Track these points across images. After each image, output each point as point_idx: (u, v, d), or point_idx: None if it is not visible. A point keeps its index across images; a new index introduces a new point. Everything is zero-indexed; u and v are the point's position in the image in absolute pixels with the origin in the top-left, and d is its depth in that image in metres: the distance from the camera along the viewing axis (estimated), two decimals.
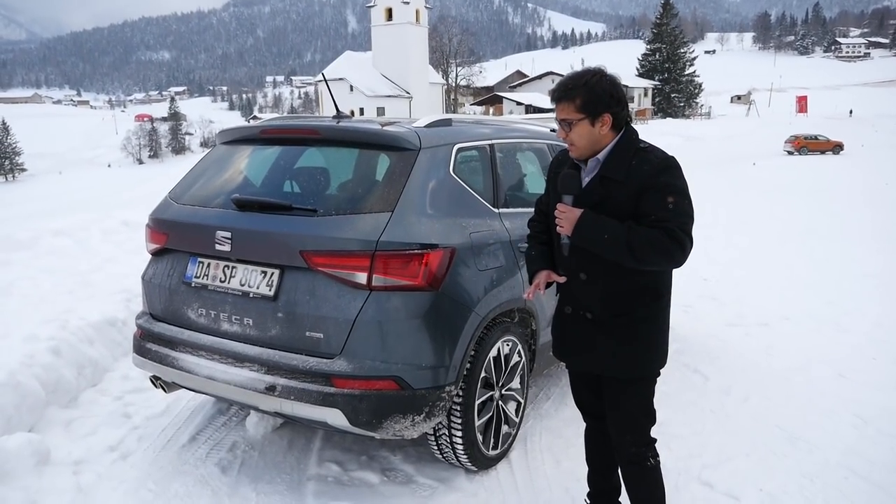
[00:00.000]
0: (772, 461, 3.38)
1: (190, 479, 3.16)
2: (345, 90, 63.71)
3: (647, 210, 2.16)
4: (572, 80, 2.25)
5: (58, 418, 3.64)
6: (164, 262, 3.27)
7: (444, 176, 3.06)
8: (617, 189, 2.22)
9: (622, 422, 2.43)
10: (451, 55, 77.60)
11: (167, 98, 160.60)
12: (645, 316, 2.33)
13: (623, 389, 2.39)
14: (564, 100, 2.24)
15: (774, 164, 25.97)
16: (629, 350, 2.32)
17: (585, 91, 2.21)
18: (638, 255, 2.13)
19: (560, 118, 2.27)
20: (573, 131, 2.25)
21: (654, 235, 2.12)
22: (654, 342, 2.36)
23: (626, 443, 2.43)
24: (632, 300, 2.30)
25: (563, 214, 2.24)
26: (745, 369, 4.68)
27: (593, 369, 2.44)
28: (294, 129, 3.30)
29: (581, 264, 2.32)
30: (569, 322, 2.44)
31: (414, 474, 3.20)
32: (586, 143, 2.26)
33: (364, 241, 2.70)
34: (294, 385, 2.73)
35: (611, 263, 2.23)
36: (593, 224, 2.18)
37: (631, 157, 2.23)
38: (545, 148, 4.05)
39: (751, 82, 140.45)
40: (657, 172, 2.18)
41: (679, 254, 2.12)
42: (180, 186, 3.39)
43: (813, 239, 9.99)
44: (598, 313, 2.33)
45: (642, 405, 2.42)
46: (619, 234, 2.14)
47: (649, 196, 2.17)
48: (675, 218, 2.14)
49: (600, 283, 2.30)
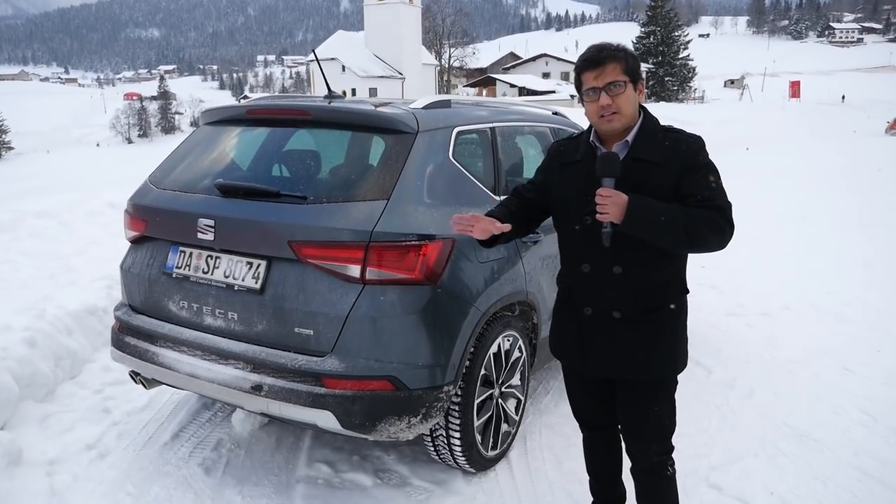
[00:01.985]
0: (781, 461, 3.24)
1: (171, 480, 2.99)
2: (337, 70, 62.93)
3: (691, 191, 2.03)
4: (608, 45, 2.09)
5: (33, 414, 3.46)
6: (143, 251, 3.08)
7: (444, 161, 2.87)
8: (654, 172, 2.06)
9: (648, 430, 2.25)
10: (444, 36, 76.78)
11: (156, 76, 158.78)
12: (675, 311, 2.17)
13: (650, 393, 2.21)
14: (611, 60, 2.05)
15: (767, 149, 25.83)
16: (662, 348, 2.16)
17: (628, 54, 2.08)
18: (693, 235, 1.97)
19: (607, 82, 2.04)
20: (623, 95, 2.05)
21: (705, 214, 1.98)
22: (684, 337, 2.23)
23: (651, 452, 2.26)
24: (664, 293, 2.15)
25: (608, 199, 1.97)
26: (748, 361, 4.55)
27: (620, 374, 2.21)
28: (283, 110, 3.09)
29: (617, 256, 2.10)
30: (589, 324, 2.21)
31: (409, 476, 3.04)
32: (632, 110, 2.09)
33: (357, 232, 2.51)
34: (282, 385, 2.55)
35: (648, 253, 2.06)
36: (645, 207, 1.97)
37: (662, 138, 2.10)
38: (548, 132, 3.86)
39: (744, 66, 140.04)
40: (695, 152, 2.07)
41: (730, 232, 2.00)
42: (161, 170, 3.18)
43: (808, 225, 9.87)
44: (628, 311, 2.14)
45: (669, 409, 2.26)
46: (674, 214, 1.97)
47: (692, 176, 2.04)
48: (720, 197, 2.03)
49: (635, 276, 2.11)
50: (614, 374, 2.22)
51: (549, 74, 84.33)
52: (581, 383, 2.40)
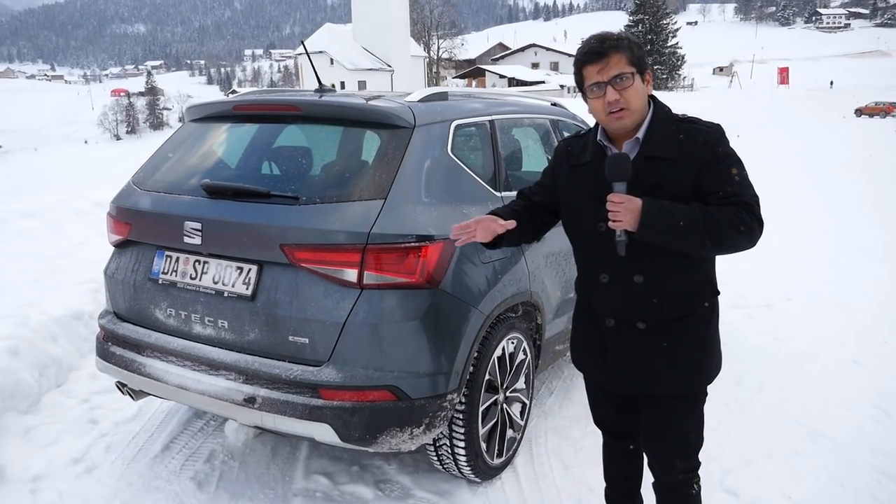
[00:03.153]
0: (796, 463, 3.14)
1: (162, 496, 2.84)
2: (325, 63, 62.42)
3: (713, 187, 1.84)
4: (611, 35, 1.90)
5: (16, 427, 3.30)
6: (127, 256, 2.92)
7: (442, 157, 2.73)
8: (669, 170, 1.87)
9: (674, 446, 2.09)
10: (432, 27, 76.36)
11: (143, 72, 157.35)
12: (705, 316, 2.00)
13: (678, 407, 2.04)
14: (615, 51, 1.86)
15: (758, 136, 25.79)
16: (692, 359, 1.99)
17: (632, 43, 1.89)
18: (717, 237, 1.79)
19: (612, 75, 1.85)
20: (630, 88, 1.87)
21: (730, 213, 1.80)
22: (716, 345, 2.05)
23: (676, 470, 2.11)
24: (692, 299, 1.98)
25: (620, 205, 1.80)
26: (754, 356, 4.45)
27: (647, 389, 2.04)
28: (272, 105, 2.93)
29: (638, 265, 1.92)
30: (613, 336, 2.03)
31: (411, 487, 2.91)
32: (641, 104, 1.90)
33: (353, 234, 2.37)
34: (276, 396, 2.41)
35: (672, 259, 1.89)
36: (661, 211, 1.80)
37: (676, 131, 1.90)
38: (548, 124, 3.72)
39: (733, 54, 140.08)
40: (714, 143, 1.87)
41: (759, 229, 1.83)
42: (144, 170, 3.03)
43: (803, 212, 9.80)
44: (653, 321, 1.96)
45: (697, 423, 2.10)
46: (694, 217, 1.79)
47: (712, 170, 1.86)
48: (746, 191, 1.85)
49: (659, 284, 1.93)
50: (642, 389, 2.06)
51: (538, 65, 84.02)
52: (604, 394, 2.24)
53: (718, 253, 1.91)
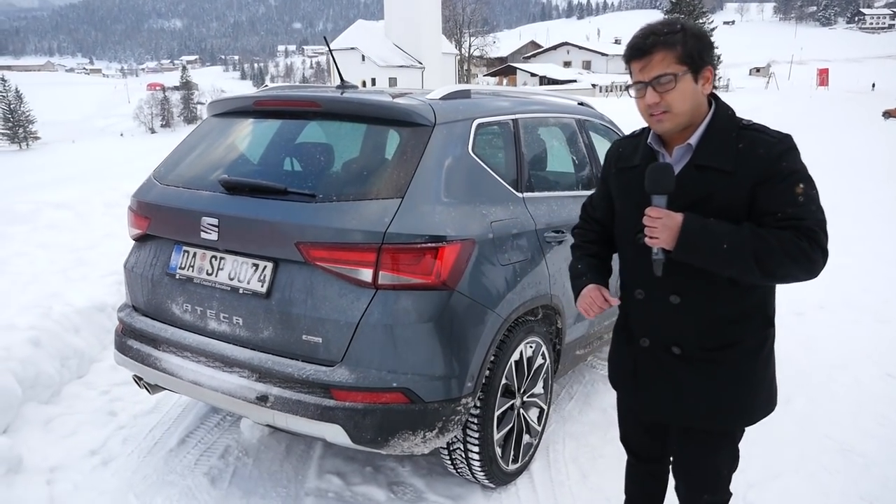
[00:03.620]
0: (824, 479, 3.02)
1: (175, 491, 2.84)
2: (356, 60, 62.64)
3: (771, 206, 1.64)
4: (664, 25, 1.68)
5: (36, 417, 3.33)
6: (147, 250, 2.92)
7: (463, 156, 2.67)
8: (722, 182, 1.68)
9: (702, 480, 1.96)
10: (464, 24, 76.08)
11: (179, 67, 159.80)
12: (753, 349, 1.80)
13: (710, 442, 1.89)
14: (661, 48, 1.66)
15: (795, 139, 25.29)
16: (731, 395, 1.80)
17: (687, 35, 1.66)
18: (768, 266, 1.60)
19: (653, 76, 1.67)
20: (675, 91, 1.66)
21: (787, 239, 1.60)
22: (764, 382, 1.84)
23: (702, 502, 1.99)
24: (737, 328, 1.78)
25: (657, 221, 1.65)
26: (783, 366, 4.20)
27: (676, 421, 1.90)
28: (292, 101, 2.90)
29: (673, 284, 1.76)
30: (646, 358, 1.89)
31: (424, 490, 2.87)
32: (689, 108, 1.69)
33: (369, 233, 2.33)
34: (288, 395, 2.38)
35: (715, 281, 1.71)
36: (703, 230, 1.63)
37: (735, 139, 1.70)
38: (574, 123, 3.64)
39: (770, 54, 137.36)
40: (777, 156, 1.65)
41: (821, 260, 1.63)
42: (165, 165, 3.02)
43: (840, 217, 9.47)
44: (690, 347, 1.80)
45: (731, 459, 1.94)
46: (741, 240, 1.60)
47: (772, 187, 1.64)
48: (811, 214, 1.63)
49: (698, 307, 1.77)
50: (670, 419, 1.93)
51: (570, 63, 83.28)
52: (635, 415, 2.11)
53: (770, 282, 1.75)
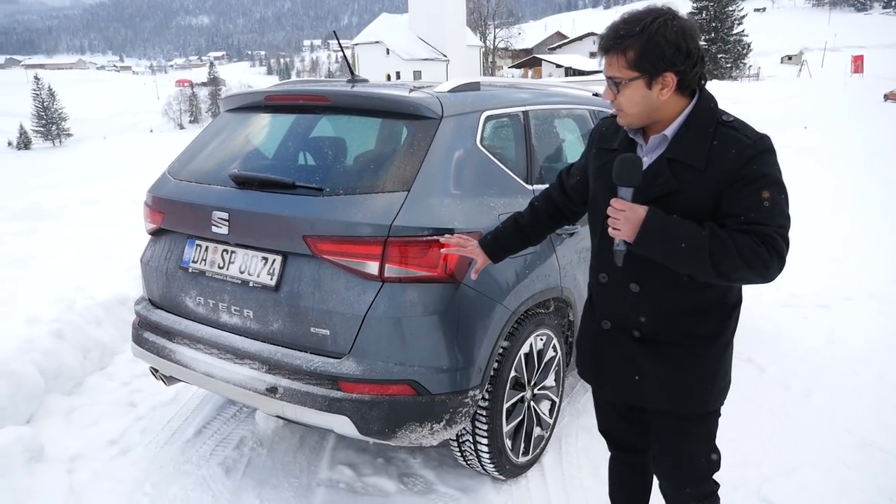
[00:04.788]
0: (843, 473, 2.97)
1: (191, 480, 2.89)
2: (381, 54, 62.80)
3: (734, 209, 1.63)
4: (626, 24, 1.67)
5: (59, 407, 3.42)
6: (161, 244, 2.98)
7: (470, 148, 2.67)
8: (691, 178, 1.67)
9: (681, 469, 1.95)
10: (489, 16, 75.75)
11: (206, 63, 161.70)
12: (709, 338, 1.81)
13: (682, 426, 1.89)
14: (613, 50, 1.68)
15: (827, 127, 24.69)
16: (686, 379, 1.82)
17: (641, 40, 1.63)
18: (723, 269, 1.60)
19: (607, 75, 1.71)
20: (622, 93, 1.69)
21: (745, 244, 1.58)
22: (718, 369, 1.85)
23: (685, 495, 1.96)
24: (696, 319, 1.79)
25: (620, 213, 1.66)
26: (805, 359, 4.24)
27: (638, 402, 1.93)
28: (301, 95, 2.92)
29: (634, 273, 1.79)
30: (607, 341, 1.93)
31: (434, 482, 2.88)
32: (639, 111, 1.71)
33: (375, 226, 2.34)
34: (297, 387, 2.41)
35: (675, 274, 1.72)
36: (663, 228, 1.63)
37: (711, 136, 1.67)
38: (587, 115, 3.61)
39: (803, 41, 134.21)
40: (749, 158, 1.62)
41: (776, 267, 1.61)
42: (179, 160, 3.07)
43: (870, 208, 9.28)
44: (649, 332, 1.83)
45: (707, 446, 1.92)
46: (699, 241, 1.60)
47: (739, 190, 1.62)
48: (773, 220, 1.61)
49: (656, 296, 1.79)
50: (631, 400, 1.95)
51: (596, 54, 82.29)
52: (606, 402, 2.13)
53: (726, 283, 1.72)
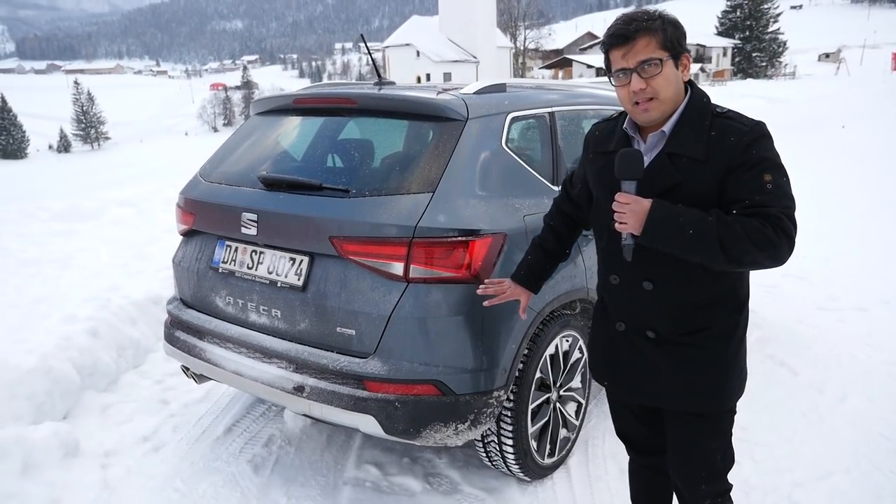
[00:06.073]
0: (877, 479, 2.90)
1: (220, 477, 2.95)
2: (411, 56, 63.06)
3: (738, 194, 1.65)
4: (639, 13, 1.70)
5: (94, 404, 3.51)
6: (193, 245, 3.04)
7: (496, 150, 2.67)
8: (693, 170, 1.69)
9: (696, 467, 1.94)
10: (519, 17, 75.53)
11: (240, 67, 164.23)
12: (725, 333, 1.81)
13: (698, 425, 1.89)
14: (644, 33, 1.67)
15: (865, 126, 24.12)
16: (705, 377, 1.82)
17: (666, 22, 1.69)
18: (733, 253, 1.60)
19: (639, 61, 1.68)
20: (660, 76, 1.68)
21: (752, 226, 1.60)
22: (735, 366, 1.85)
23: (701, 494, 1.96)
24: (710, 313, 1.80)
25: (625, 206, 1.68)
26: (841, 363, 4.14)
27: (655, 402, 1.93)
28: (329, 98, 2.95)
29: (646, 270, 1.80)
30: (621, 342, 1.92)
31: (459, 482, 2.89)
32: (673, 93, 1.71)
33: (400, 227, 2.36)
34: (323, 386, 2.44)
35: (687, 267, 1.73)
36: (670, 217, 1.64)
37: (708, 128, 1.71)
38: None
39: (841, 39, 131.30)
40: (747, 144, 1.66)
41: (787, 247, 1.62)
42: (210, 162, 3.13)
43: None
44: (664, 332, 1.83)
45: (722, 444, 1.93)
46: (706, 227, 1.61)
47: (740, 175, 1.65)
48: (777, 201, 1.63)
49: (671, 293, 1.79)
50: (648, 401, 1.94)
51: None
52: (622, 404, 2.12)
53: (737, 269, 1.74)
